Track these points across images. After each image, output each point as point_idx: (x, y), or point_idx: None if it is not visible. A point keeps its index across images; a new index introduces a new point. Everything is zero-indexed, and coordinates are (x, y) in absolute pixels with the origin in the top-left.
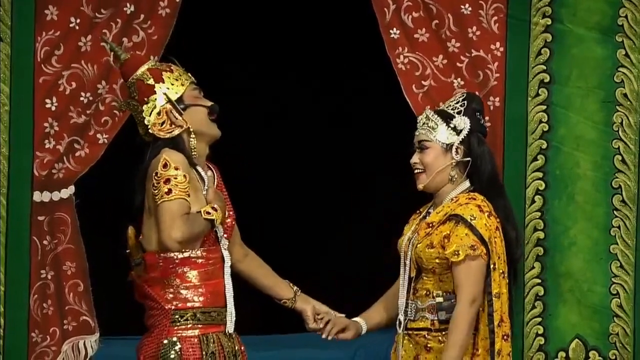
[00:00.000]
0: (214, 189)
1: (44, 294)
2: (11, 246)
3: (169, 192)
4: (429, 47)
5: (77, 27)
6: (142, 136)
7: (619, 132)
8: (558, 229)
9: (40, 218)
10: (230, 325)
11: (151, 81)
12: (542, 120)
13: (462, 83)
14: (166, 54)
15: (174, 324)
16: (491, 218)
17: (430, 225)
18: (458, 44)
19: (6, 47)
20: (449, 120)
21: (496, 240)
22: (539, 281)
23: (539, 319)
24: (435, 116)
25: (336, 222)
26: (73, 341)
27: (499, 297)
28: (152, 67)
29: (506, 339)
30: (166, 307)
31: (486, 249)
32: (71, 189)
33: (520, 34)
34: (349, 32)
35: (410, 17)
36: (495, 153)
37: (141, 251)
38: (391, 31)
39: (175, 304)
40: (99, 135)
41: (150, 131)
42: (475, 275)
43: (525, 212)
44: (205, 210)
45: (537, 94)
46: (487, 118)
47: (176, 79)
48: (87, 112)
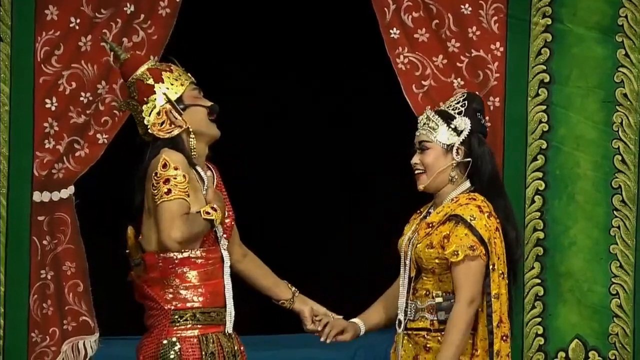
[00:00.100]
0: (213, 189)
1: (43, 294)
2: (11, 246)
3: (168, 192)
4: (429, 47)
5: (77, 27)
6: (142, 136)
7: (619, 132)
8: (558, 229)
9: (40, 218)
10: (230, 326)
11: (151, 81)
12: (542, 120)
13: (462, 83)
14: (166, 54)
15: (173, 324)
16: (491, 219)
17: (430, 225)
18: (458, 44)
19: (6, 47)
20: (449, 121)
21: (496, 240)
22: (538, 281)
23: (539, 319)
24: (435, 116)
25: (336, 222)
26: (73, 341)
27: (498, 297)
28: (151, 67)
29: (505, 339)
30: (166, 308)
31: (485, 249)
32: (71, 189)
33: (520, 34)
34: (349, 32)
35: (410, 17)
36: (495, 153)
37: (141, 251)
38: (391, 31)
39: (174, 304)
40: (98, 135)
41: (149, 131)
42: (474, 275)
43: (525, 212)
44: (205, 211)
45: (537, 94)
46: (487, 118)
47: (176, 79)
48: (87, 112)
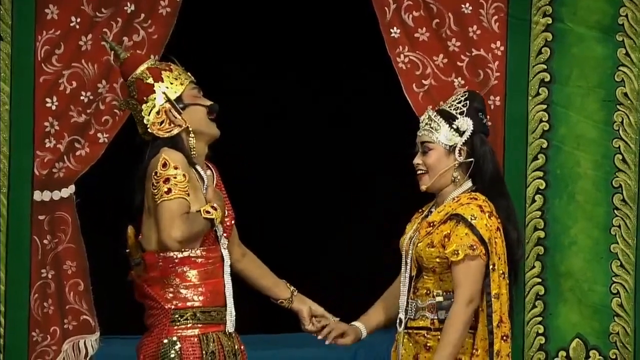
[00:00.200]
0: (213, 188)
1: (44, 293)
2: (11, 245)
3: (168, 191)
4: (430, 46)
5: (78, 26)
6: (142, 135)
7: (620, 131)
8: (558, 228)
9: (41, 217)
10: (230, 325)
11: (150, 80)
12: (543, 119)
13: (462, 82)
14: (166, 53)
15: (173, 324)
16: (492, 218)
17: (431, 224)
18: (458, 43)
19: (6, 46)
20: (451, 121)
21: (496, 240)
22: (539, 280)
23: (540, 318)
24: (437, 117)
25: (336, 222)
26: (73, 340)
27: (498, 297)
28: (151, 66)
29: (505, 339)
30: (166, 307)
31: (485, 249)
32: (71, 188)
33: (520, 33)
34: (349, 32)
35: (410, 16)
36: (496, 152)
37: (141, 251)
38: (392, 30)
39: (175, 303)
40: (99, 135)
41: (149, 130)
42: (474, 275)
43: (525, 211)
44: (205, 210)
45: (538, 93)
46: (488, 117)
47: (175, 78)
48: (88, 111)
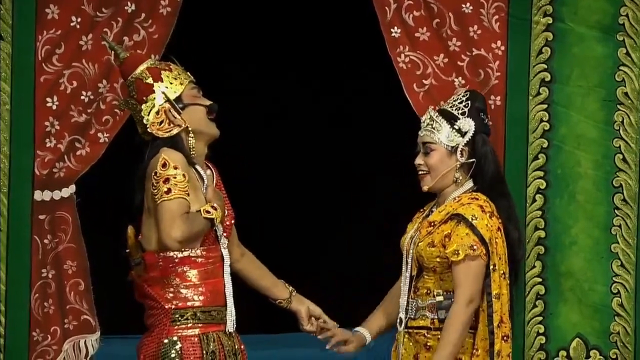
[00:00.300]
0: (213, 187)
1: (44, 293)
2: (12, 245)
3: (168, 191)
4: (430, 46)
5: (78, 26)
6: (141, 135)
7: (620, 131)
8: (559, 227)
9: (41, 217)
10: (231, 324)
11: (150, 80)
12: (543, 119)
13: (463, 82)
14: (167, 53)
15: (174, 324)
16: (493, 218)
17: (432, 224)
18: (459, 43)
19: (7, 46)
20: (453, 122)
21: (497, 241)
22: (539, 280)
23: (540, 318)
24: (439, 117)
25: (336, 222)
26: (74, 340)
27: (499, 298)
28: (151, 66)
29: (506, 339)
30: (166, 307)
31: (486, 249)
32: (72, 188)
33: (521, 33)
34: (349, 32)
35: (411, 16)
36: (497, 152)
37: (141, 251)
38: (392, 30)
39: (175, 303)
40: (99, 134)
41: (149, 130)
42: (474, 275)
43: (526, 211)
44: (205, 209)
45: (538, 93)
46: (489, 116)
47: (175, 78)
48: (88, 111)
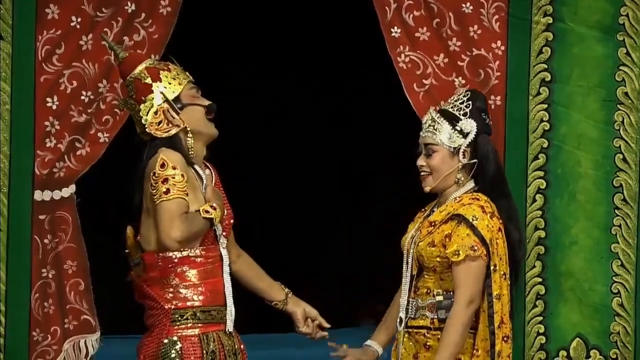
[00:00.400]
0: (212, 187)
1: (44, 293)
2: (12, 245)
3: (167, 191)
4: (430, 45)
5: (78, 26)
6: (140, 135)
7: (620, 131)
8: (559, 227)
9: (41, 217)
10: (231, 324)
11: (148, 80)
12: (543, 119)
13: (463, 82)
14: (167, 53)
15: (174, 324)
16: (493, 219)
17: (433, 223)
18: (459, 43)
19: (7, 46)
20: (454, 123)
21: (498, 241)
22: (540, 280)
23: (540, 317)
24: (440, 118)
25: (336, 222)
26: (74, 340)
27: (500, 298)
28: (149, 66)
29: (506, 340)
30: (166, 307)
31: (487, 250)
32: (72, 188)
33: (521, 33)
34: (349, 32)
35: (411, 15)
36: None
37: (140, 251)
38: (392, 30)
39: (175, 303)
40: (100, 134)
41: (147, 130)
42: (475, 275)
43: (526, 211)
44: (204, 209)
45: (538, 93)
46: (489, 116)
47: (174, 78)
48: (88, 110)
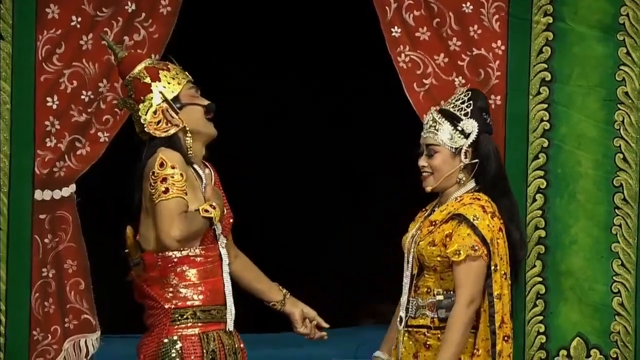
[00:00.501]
0: (212, 186)
1: (45, 293)
2: (12, 244)
3: (166, 191)
4: (430, 45)
5: (79, 26)
6: (139, 134)
7: (620, 131)
8: (559, 227)
9: (42, 216)
10: (231, 323)
11: (147, 80)
12: (544, 118)
13: (463, 81)
14: (167, 52)
15: (174, 323)
16: (494, 219)
17: (433, 223)
18: (459, 43)
19: (7, 46)
20: (456, 123)
21: (499, 241)
22: (540, 279)
23: (540, 317)
24: (442, 118)
25: (336, 222)
26: (74, 339)
27: (500, 298)
28: (148, 66)
29: (507, 340)
30: (166, 306)
31: (487, 250)
32: (72, 188)
33: (521, 33)
34: (349, 32)
35: (411, 15)
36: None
37: (140, 251)
38: (392, 30)
39: (175, 302)
40: (100, 134)
41: (146, 130)
42: (475, 275)
43: (526, 211)
44: (204, 208)
45: (539, 93)
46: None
47: (173, 78)
48: (88, 110)
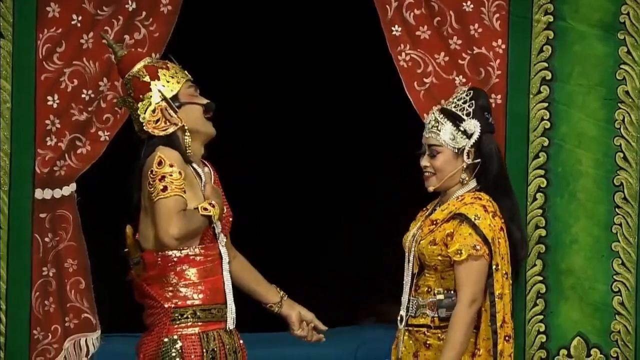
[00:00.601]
0: (211, 185)
1: (45, 292)
2: (13, 243)
3: (164, 189)
4: (431, 44)
5: (79, 25)
6: (138, 133)
7: (621, 130)
8: (560, 226)
9: (42, 215)
10: (231, 322)
11: (147, 78)
12: (544, 117)
13: (463, 80)
14: (167, 52)
15: (174, 322)
16: (495, 218)
17: (434, 222)
18: (460, 42)
19: (8, 44)
20: (458, 123)
21: (500, 240)
22: (540, 279)
23: (541, 316)
24: (444, 119)
25: (336, 222)
26: (74, 338)
27: (502, 298)
28: (148, 64)
29: (508, 339)
30: (166, 306)
31: (489, 249)
32: (73, 186)
33: (522, 31)
34: (349, 31)
35: (412, 14)
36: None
37: (139, 250)
38: (393, 28)
39: (175, 302)
40: (100, 133)
41: (145, 128)
42: (477, 275)
43: (527, 210)
44: (203, 207)
45: (539, 92)
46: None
47: (172, 77)
48: (89, 109)
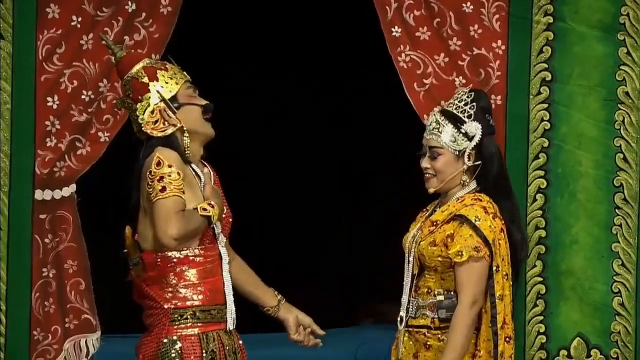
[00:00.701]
0: (211, 185)
1: (45, 292)
2: (12, 244)
3: (163, 189)
4: (431, 45)
5: (79, 26)
6: (137, 134)
7: (621, 130)
8: (559, 227)
9: (42, 216)
10: (231, 322)
11: (145, 79)
12: (544, 118)
13: (463, 81)
14: (167, 52)
15: (173, 323)
16: (496, 220)
17: (434, 223)
18: (459, 42)
19: (7, 45)
20: (459, 125)
21: (500, 242)
22: (540, 279)
23: (541, 317)
24: (445, 121)
25: (336, 222)
26: (74, 339)
27: (502, 299)
28: (146, 65)
29: (508, 341)
30: (165, 307)
31: (490, 250)
32: (72, 187)
33: (522, 32)
34: (349, 32)
35: (411, 15)
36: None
37: (139, 250)
38: (393, 29)
39: (174, 302)
40: (100, 134)
41: (144, 129)
42: (478, 276)
43: (526, 210)
44: (202, 207)
45: (539, 92)
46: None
47: (171, 78)
48: (89, 110)
